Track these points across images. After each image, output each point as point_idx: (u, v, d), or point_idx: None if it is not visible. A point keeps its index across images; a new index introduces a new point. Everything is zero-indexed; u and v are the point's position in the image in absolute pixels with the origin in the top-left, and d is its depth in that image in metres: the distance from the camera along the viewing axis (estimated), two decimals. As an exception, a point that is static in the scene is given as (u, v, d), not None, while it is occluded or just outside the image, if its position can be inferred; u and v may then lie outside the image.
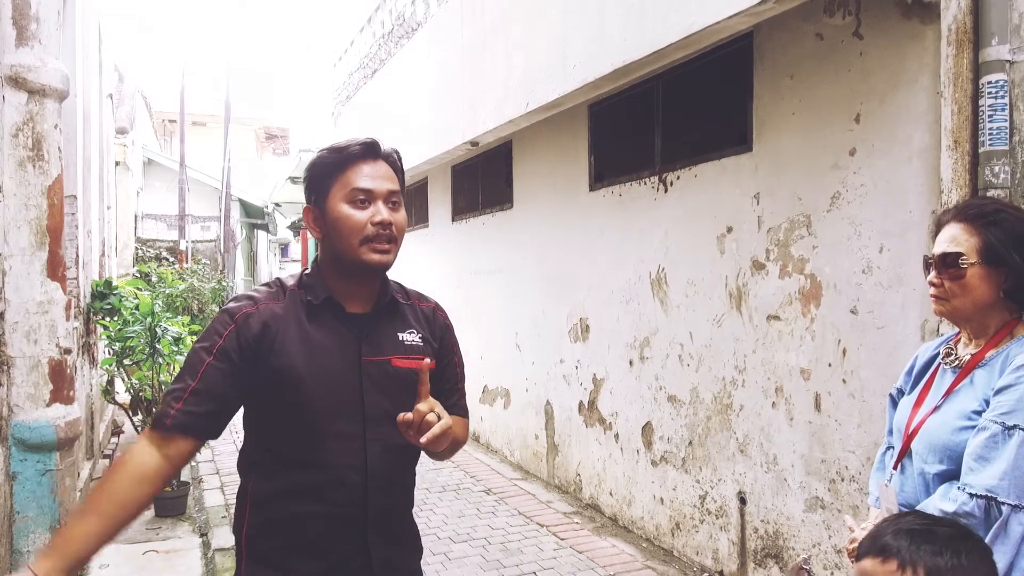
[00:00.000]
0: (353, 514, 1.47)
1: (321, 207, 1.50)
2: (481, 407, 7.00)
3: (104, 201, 7.17)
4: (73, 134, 4.76)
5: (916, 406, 1.61)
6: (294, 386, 1.42)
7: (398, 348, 1.54)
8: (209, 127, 25.82)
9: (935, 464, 1.51)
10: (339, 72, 10.67)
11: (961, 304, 1.51)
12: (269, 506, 1.47)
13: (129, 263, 12.59)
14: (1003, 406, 1.40)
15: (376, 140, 1.53)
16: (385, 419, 1.46)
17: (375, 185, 1.48)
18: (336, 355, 1.47)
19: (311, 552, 1.46)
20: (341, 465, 1.45)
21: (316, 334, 1.47)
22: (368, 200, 1.47)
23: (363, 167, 1.48)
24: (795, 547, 3.38)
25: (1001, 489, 1.36)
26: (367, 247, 1.46)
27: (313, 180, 1.52)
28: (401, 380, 1.50)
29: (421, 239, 8.66)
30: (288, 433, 1.45)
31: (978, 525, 1.38)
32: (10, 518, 2.95)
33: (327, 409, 1.44)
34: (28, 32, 3.01)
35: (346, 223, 1.46)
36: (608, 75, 3.86)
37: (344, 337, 1.49)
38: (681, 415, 4.16)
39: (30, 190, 3.02)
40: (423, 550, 1.72)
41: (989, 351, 1.50)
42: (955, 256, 1.50)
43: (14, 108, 2.97)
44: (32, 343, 3.03)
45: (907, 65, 2.81)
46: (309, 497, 1.45)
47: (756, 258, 3.59)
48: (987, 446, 1.40)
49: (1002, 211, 1.51)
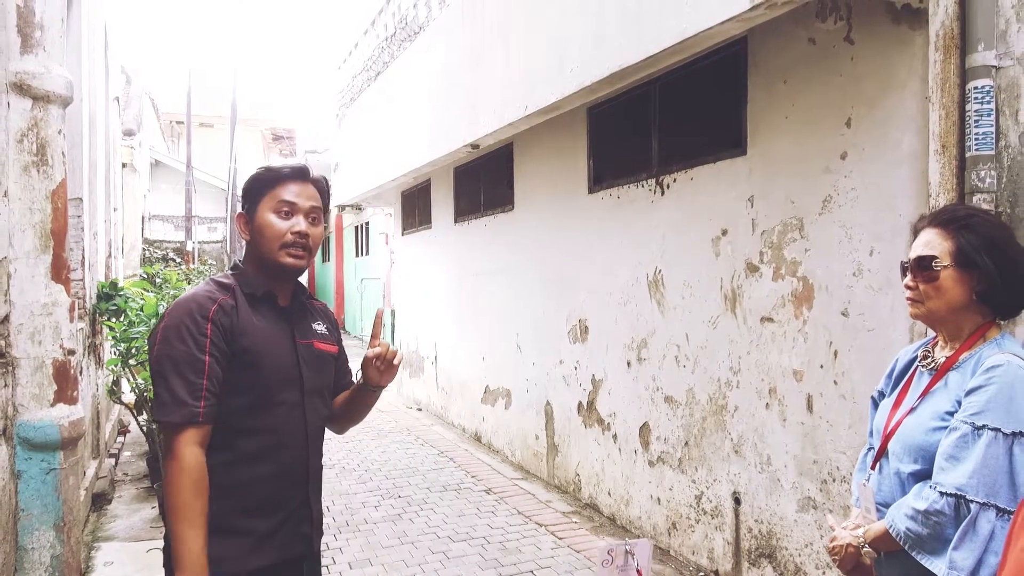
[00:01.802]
0: (298, 472, 1.75)
1: (251, 215, 1.75)
2: (483, 407, 7.04)
3: (111, 203, 7.25)
4: (79, 137, 4.83)
5: (894, 408, 1.65)
6: (253, 363, 1.65)
7: (316, 335, 1.86)
8: (216, 128, 25.95)
9: (910, 464, 1.55)
10: (343, 74, 10.73)
11: (935, 306, 1.55)
12: (220, 475, 1.62)
13: (136, 264, 12.70)
14: (973, 407, 1.44)
15: (307, 165, 1.81)
16: (316, 393, 1.80)
17: (299, 200, 1.74)
18: (279, 337, 1.74)
19: (262, 511, 1.68)
20: (287, 430, 1.71)
21: (261, 320, 1.72)
22: (291, 212, 1.73)
23: (291, 186, 1.74)
24: (788, 547, 3.41)
25: (970, 488, 1.40)
26: (284, 251, 1.72)
27: (248, 192, 1.77)
28: (323, 360, 1.85)
29: (424, 240, 8.72)
30: (243, 404, 1.65)
31: (948, 523, 1.43)
32: (15, 516, 3.00)
33: (276, 382, 1.70)
34: (32, 39, 3.07)
35: (269, 229, 1.72)
36: (604, 79, 3.89)
37: (281, 324, 1.77)
38: (677, 416, 4.20)
39: (34, 194, 3.07)
40: None
41: (963, 353, 1.54)
42: (929, 259, 1.54)
43: (19, 114, 3.03)
44: (36, 344, 3.08)
45: (896, 70, 2.84)
46: (260, 460, 1.67)
47: (750, 260, 3.62)
48: (957, 446, 1.44)
49: (974, 216, 1.55)
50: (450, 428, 7.82)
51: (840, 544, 1.68)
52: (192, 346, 1.59)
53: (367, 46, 9.41)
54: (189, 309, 1.63)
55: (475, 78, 5.64)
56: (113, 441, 6.70)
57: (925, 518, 1.45)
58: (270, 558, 1.68)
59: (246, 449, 1.66)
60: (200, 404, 1.57)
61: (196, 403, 1.57)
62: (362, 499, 5.31)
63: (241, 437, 1.66)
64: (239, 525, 1.65)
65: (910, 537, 1.49)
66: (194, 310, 1.62)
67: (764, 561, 3.57)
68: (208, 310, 1.63)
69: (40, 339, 3.08)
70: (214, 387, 1.60)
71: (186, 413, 1.56)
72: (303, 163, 1.83)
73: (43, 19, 3.11)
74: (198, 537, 1.52)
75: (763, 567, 3.57)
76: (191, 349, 1.59)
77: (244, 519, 1.66)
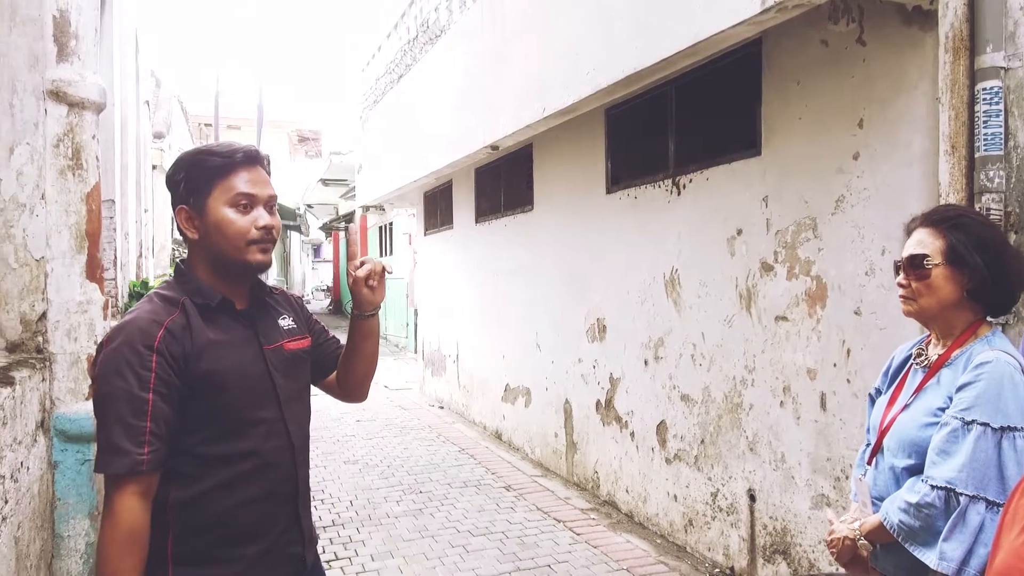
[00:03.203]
0: (286, 492, 1.59)
1: (200, 209, 1.52)
2: (503, 405, 7.13)
3: (141, 204, 7.46)
4: (111, 141, 5.00)
5: (889, 404, 1.70)
6: (217, 386, 1.47)
7: (283, 334, 1.66)
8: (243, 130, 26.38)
9: (904, 459, 1.60)
10: (367, 77, 10.87)
11: (927, 304, 1.60)
12: (198, 508, 1.48)
13: (166, 264, 12.97)
14: (963, 402, 1.48)
15: (256, 147, 1.60)
16: (294, 399, 1.63)
17: (258, 191, 1.54)
18: (243, 349, 1.55)
19: (248, 538, 1.53)
20: (271, 449, 1.55)
21: (220, 335, 1.52)
22: (251, 205, 1.53)
23: (244, 173, 1.53)
24: (802, 543, 3.44)
25: (960, 481, 1.45)
26: (254, 248, 1.53)
27: (191, 181, 1.53)
28: (297, 360, 1.67)
29: (446, 240, 8.82)
30: (212, 432, 1.49)
31: (939, 515, 1.47)
32: (52, 504, 3.15)
33: (249, 401, 1.52)
34: (68, 48, 3.21)
35: (231, 227, 1.51)
36: (620, 81, 3.95)
37: (242, 333, 1.57)
38: (694, 414, 4.24)
39: (70, 197, 3.21)
40: None
41: (955, 350, 1.59)
42: (921, 257, 1.59)
43: (55, 120, 3.17)
44: (72, 340, 3.22)
45: (907, 71, 2.87)
46: (241, 486, 1.51)
47: (765, 260, 3.66)
48: (948, 440, 1.48)
49: (965, 216, 1.60)
50: (471, 426, 7.92)
51: (837, 537, 1.73)
52: (133, 383, 1.38)
53: (390, 49, 9.54)
54: (130, 338, 1.41)
55: (494, 80, 5.72)
56: (144, 436, 6.88)
57: (917, 511, 1.50)
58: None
59: (224, 478, 1.49)
60: (143, 451, 1.36)
61: (139, 450, 1.36)
62: (384, 494, 5.42)
63: (216, 466, 1.49)
64: (223, 555, 1.50)
65: (903, 529, 1.54)
66: (135, 339, 1.41)
67: (779, 557, 3.60)
68: (153, 338, 1.41)
69: (75, 336, 3.22)
70: (160, 429, 1.40)
71: (127, 463, 1.36)
72: (251, 145, 1.60)
73: (78, 29, 3.25)
74: None
75: (778, 563, 3.60)
76: (131, 387, 1.38)
77: (228, 548, 1.51)
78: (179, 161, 1.57)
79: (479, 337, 7.79)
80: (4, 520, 2.40)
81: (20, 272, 3.08)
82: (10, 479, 2.49)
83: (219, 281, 1.57)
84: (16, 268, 3.07)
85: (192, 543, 1.48)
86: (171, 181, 1.57)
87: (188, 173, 1.54)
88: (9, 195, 3.04)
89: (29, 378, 2.82)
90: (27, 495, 2.74)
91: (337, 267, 23.47)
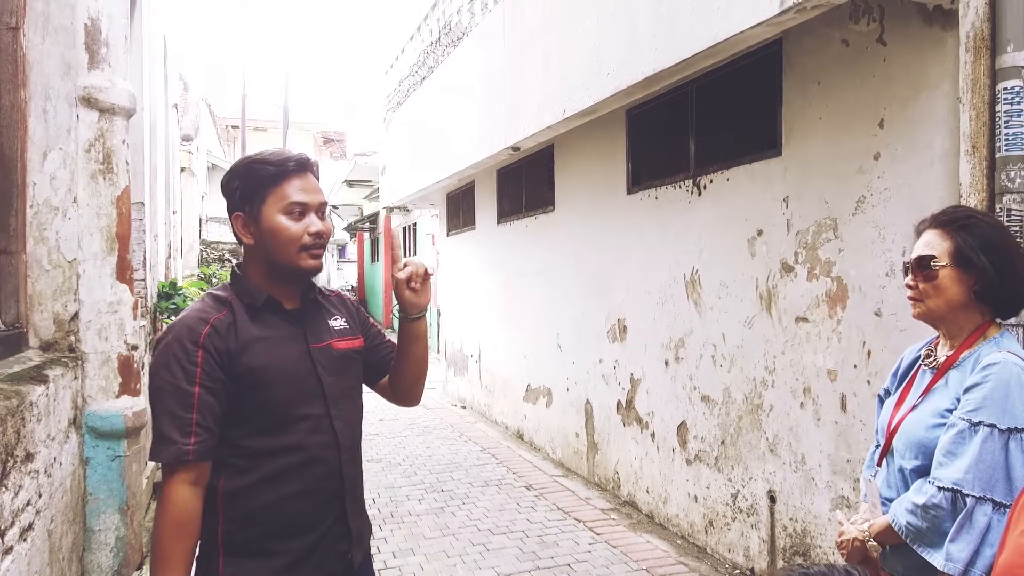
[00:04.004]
0: (332, 488, 1.62)
1: (255, 216, 1.59)
2: (525, 405, 7.16)
3: (170, 206, 7.61)
4: (140, 144, 5.11)
5: (897, 405, 1.70)
6: (262, 382, 1.53)
7: (333, 333, 1.71)
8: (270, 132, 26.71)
9: (912, 460, 1.60)
10: (390, 79, 10.97)
11: (935, 305, 1.60)
12: (245, 499, 1.54)
13: (194, 264, 13.20)
14: (970, 404, 1.48)
15: (307, 155, 1.66)
16: (343, 397, 1.66)
17: (309, 198, 1.60)
18: (288, 347, 1.60)
19: (295, 532, 1.57)
20: (315, 445, 1.59)
21: (265, 332, 1.58)
22: (303, 212, 1.59)
23: (296, 181, 1.60)
24: (822, 545, 3.43)
25: (966, 482, 1.45)
26: (305, 254, 1.59)
27: (246, 189, 1.60)
28: (345, 360, 1.70)
29: (468, 241, 8.87)
30: (258, 426, 1.55)
31: (945, 516, 1.48)
32: (83, 499, 3.24)
33: (293, 397, 1.57)
34: (99, 56, 3.30)
35: (284, 233, 1.57)
36: (640, 82, 3.96)
37: (289, 331, 1.63)
38: (714, 415, 4.24)
39: (101, 200, 3.31)
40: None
41: (963, 352, 1.59)
42: (928, 259, 1.60)
43: (87, 126, 3.26)
44: (103, 340, 3.32)
45: (928, 71, 2.85)
46: (287, 480, 1.55)
47: (785, 260, 3.65)
48: (955, 442, 1.49)
49: (973, 218, 1.60)
50: (493, 425, 7.96)
51: (847, 538, 1.73)
52: (180, 377, 1.47)
53: (413, 51, 9.62)
54: (179, 335, 1.50)
55: (515, 82, 5.75)
56: (173, 433, 7.01)
57: (924, 512, 1.51)
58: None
59: (270, 471, 1.55)
60: (190, 441, 1.45)
61: (186, 440, 1.45)
62: (406, 492, 5.48)
63: (263, 459, 1.55)
64: (269, 548, 1.55)
65: (910, 530, 1.54)
66: (184, 336, 1.50)
67: (799, 559, 3.59)
68: (199, 334, 1.50)
69: (106, 335, 3.31)
70: (206, 421, 1.47)
71: (174, 452, 1.44)
72: (302, 153, 1.67)
73: (108, 37, 3.35)
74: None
75: (797, 565, 3.59)
76: (178, 381, 1.47)
77: (275, 541, 1.56)
78: (233, 169, 1.64)
79: (501, 337, 7.83)
80: (38, 513, 2.48)
81: (53, 273, 3.18)
82: (43, 474, 2.58)
83: (271, 283, 1.63)
84: (49, 270, 3.17)
85: (241, 533, 1.54)
86: (227, 188, 1.64)
87: (243, 182, 1.61)
88: (43, 199, 3.14)
89: (62, 376, 2.91)
90: (59, 490, 2.83)
91: (361, 267, 23.66)
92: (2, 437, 2.12)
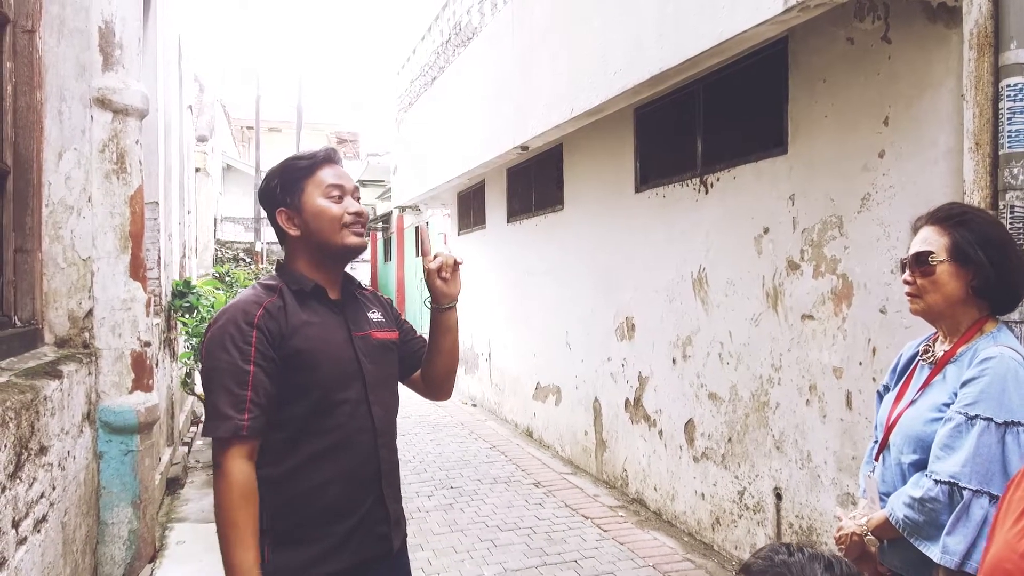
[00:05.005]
0: (368, 472, 1.67)
1: (297, 207, 1.69)
2: (534, 403, 7.19)
3: (184, 206, 7.69)
4: (155, 145, 5.18)
5: (896, 401, 1.71)
6: (308, 364, 1.59)
7: (372, 324, 1.79)
8: (284, 133, 26.89)
9: (910, 454, 1.62)
10: (402, 80, 11.03)
11: (933, 300, 1.61)
12: (285, 486, 1.59)
13: (209, 264, 13.32)
14: (967, 398, 1.50)
15: (333, 148, 1.78)
16: (380, 385, 1.72)
17: (344, 181, 1.70)
18: (334, 333, 1.68)
19: (333, 517, 1.62)
20: (353, 429, 1.65)
21: (312, 318, 1.65)
22: (342, 195, 1.69)
23: (328, 168, 1.71)
24: (828, 542, 3.43)
25: (963, 475, 1.46)
26: (347, 231, 1.68)
27: (285, 185, 1.70)
28: (384, 349, 1.78)
29: (478, 240, 8.91)
30: (301, 408, 1.60)
31: (942, 509, 1.49)
32: (97, 492, 3.30)
33: (336, 380, 1.63)
34: (113, 58, 3.36)
35: (326, 214, 1.66)
36: (646, 81, 3.98)
37: (334, 318, 1.70)
38: (721, 412, 4.25)
39: (115, 200, 3.37)
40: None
41: (960, 347, 1.60)
42: (926, 255, 1.61)
43: (101, 126, 3.32)
44: (117, 336, 3.38)
45: (933, 69, 2.85)
46: (326, 463, 1.60)
47: (791, 258, 3.66)
48: (952, 435, 1.50)
49: (969, 214, 1.61)
50: (503, 423, 8.00)
51: (845, 533, 1.75)
52: (236, 356, 1.53)
53: (424, 52, 9.67)
54: (233, 317, 1.57)
55: (524, 81, 5.78)
56: (186, 430, 7.11)
57: (921, 505, 1.52)
58: (345, 562, 1.63)
59: (310, 453, 1.60)
60: (245, 417, 1.50)
61: (241, 416, 1.50)
62: (416, 489, 5.52)
63: (304, 442, 1.60)
64: (310, 534, 1.60)
65: (908, 524, 1.55)
66: (239, 317, 1.56)
67: (804, 557, 3.59)
68: (253, 316, 1.56)
69: (120, 332, 3.37)
70: (260, 398, 1.53)
71: (230, 427, 1.50)
72: (330, 146, 1.81)
73: (122, 38, 3.40)
74: (247, 552, 1.48)
75: (803, 563, 3.59)
76: (235, 359, 1.52)
77: (314, 525, 1.60)
78: (270, 173, 1.75)
79: (511, 336, 7.87)
80: (52, 506, 2.54)
81: (68, 271, 3.24)
82: (57, 467, 2.64)
83: (317, 272, 1.71)
84: (64, 267, 3.23)
85: (282, 521, 1.58)
86: (266, 191, 1.74)
87: (281, 178, 1.71)
88: (58, 198, 3.20)
89: (76, 372, 2.97)
90: (73, 483, 2.89)
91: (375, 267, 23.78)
92: (17, 430, 2.17)
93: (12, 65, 2.98)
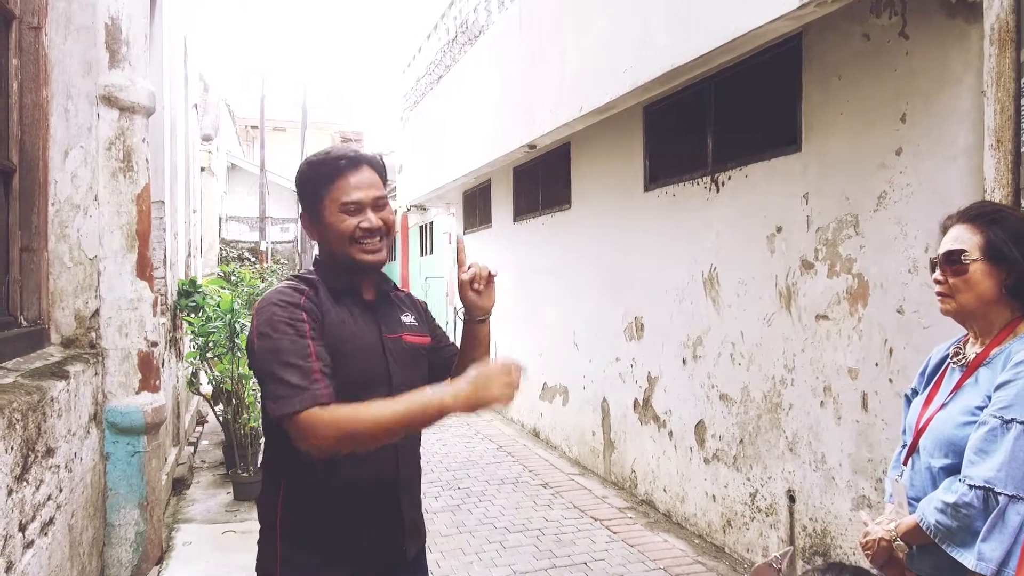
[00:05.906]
0: (387, 479, 1.63)
1: (315, 216, 1.66)
2: (541, 403, 7.14)
3: (190, 205, 7.67)
4: (160, 143, 5.15)
5: (926, 404, 1.67)
6: (337, 361, 1.53)
7: (404, 327, 1.74)
8: (288, 132, 26.87)
9: (940, 459, 1.57)
10: (407, 78, 11.00)
11: (966, 300, 1.57)
12: (305, 484, 1.56)
13: (214, 263, 13.32)
14: (1002, 401, 1.45)
15: (358, 151, 1.69)
16: (405, 388, 1.61)
17: (362, 195, 1.62)
18: (365, 332, 1.64)
19: (348, 521, 1.58)
20: None
21: (345, 315, 1.62)
22: (358, 209, 1.62)
23: (350, 178, 1.62)
24: (843, 545, 3.39)
25: (999, 480, 1.42)
26: (356, 248, 1.62)
27: (305, 191, 1.67)
28: (414, 353, 1.73)
29: (485, 239, 8.87)
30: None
31: (977, 515, 1.45)
32: (104, 494, 3.27)
33: (363, 380, 1.57)
34: (119, 55, 3.33)
35: (334, 230, 1.62)
36: (656, 79, 3.93)
37: (366, 318, 1.66)
38: (732, 413, 4.20)
39: (121, 198, 3.33)
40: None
41: (993, 349, 1.56)
42: (959, 253, 1.57)
43: (107, 124, 3.29)
44: (123, 336, 3.34)
45: (952, 65, 2.80)
46: (343, 466, 1.54)
47: (805, 257, 3.61)
48: (986, 439, 1.45)
49: (1002, 211, 1.57)
50: (509, 424, 7.96)
51: (873, 539, 1.70)
52: (292, 334, 1.49)
53: (429, 50, 9.64)
54: (280, 301, 1.54)
55: (531, 79, 5.74)
56: (192, 430, 7.09)
57: (954, 511, 1.48)
58: (356, 568, 1.60)
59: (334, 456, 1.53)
60: (320, 384, 1.45)
61: (315, 385, 1.44)
62: (423, 490, 5.47)
63: None
64: (326, 534, 1.57)
65: (940, 530, 1.51)
66: (286, 300, 1.54)
67: (819, 560, 3.54)
68: (299, 299, 1.55)
69: (126, 332, 3.34)
70: (326, 368, 1.48)
71: (308, 396, 1.43)
72: (353, 149, 1.70)
73: (128, 36, 3.37)
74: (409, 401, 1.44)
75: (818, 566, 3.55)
76: (293, 336, 1.49)
77: (330, 528, 1.57)
78: (297, 173, 1.71)
79: (517, 335, 7.82)
80: (59, 508, 2.51)
81: (74, 270, 3.21)
82: (64, 469, 2.60)
83: (347, 272, 1.68)
84: (71, 267, 3.20)
85: (299, 519, 1.57)
86: (297, 191, 1.72)
87: (302, 185, 1.68)
88: (64, 196, 3.17)
89: (82, 372, 2.94)
90: (80, 484, 2.85)
91: (379, 266, 23.82)
92: (23, 432, 2.14)
93: (18, 62, 2.95)
